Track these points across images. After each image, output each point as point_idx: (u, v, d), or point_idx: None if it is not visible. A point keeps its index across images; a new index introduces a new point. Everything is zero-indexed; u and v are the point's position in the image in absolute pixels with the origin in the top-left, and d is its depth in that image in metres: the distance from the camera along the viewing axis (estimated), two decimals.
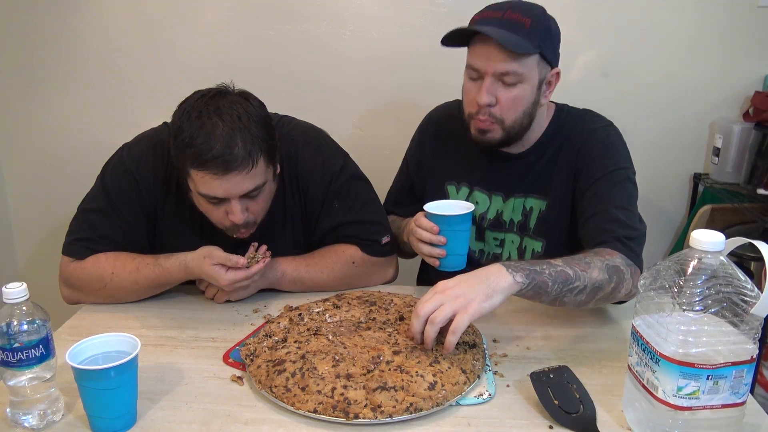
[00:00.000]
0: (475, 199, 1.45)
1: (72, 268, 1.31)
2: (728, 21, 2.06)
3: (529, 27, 1.24)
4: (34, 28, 2.20)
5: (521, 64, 1.25)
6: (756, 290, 0.82)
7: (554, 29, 1.31)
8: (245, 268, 1.22)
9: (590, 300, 1.12)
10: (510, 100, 1.28)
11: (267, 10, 2.13)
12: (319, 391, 0.94)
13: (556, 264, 1.10)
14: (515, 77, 1.26)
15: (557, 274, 1.08)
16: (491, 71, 1.26)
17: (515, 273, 1.04)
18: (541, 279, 1.06)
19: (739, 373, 0.83)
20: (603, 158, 1.34)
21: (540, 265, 1.08)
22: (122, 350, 0.93)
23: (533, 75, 1.28)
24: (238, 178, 1.17)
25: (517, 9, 1.26)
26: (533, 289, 1.06)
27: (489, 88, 1.27)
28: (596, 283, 1.11)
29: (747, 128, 2.01)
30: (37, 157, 2.35)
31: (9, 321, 0.89)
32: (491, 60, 1.25)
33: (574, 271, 1.09)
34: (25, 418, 0.92)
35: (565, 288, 1.08)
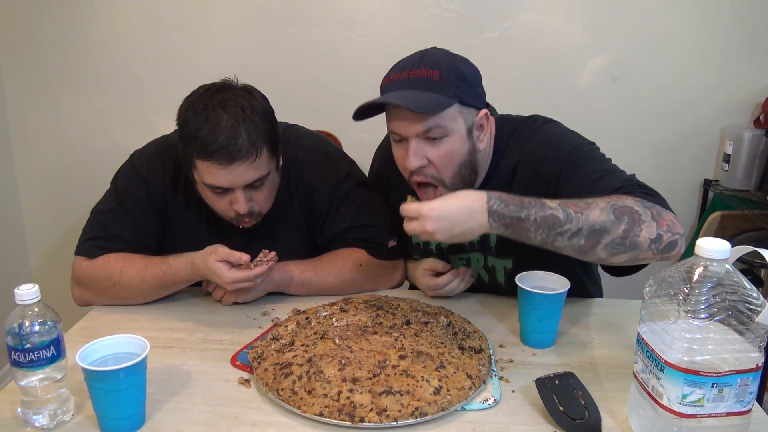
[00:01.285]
0: None
1: (83, 267, 1.33)
2: (739, 27, 2.05)
3: (439, 79, 1.16)
4: (47, 32, 2.23)
5: (440, 117, 1.16)
6: (762, 298, 0.82)
7: (468, 72, 1.21)
8: (249, 268, 1.23)
9: (595, 246, 1.04)
10: (441, 157, 1.19)
11: (278, 15, 2.15)
12: (325, 394, 0.95)
13: (549, 206, 1.04)
14: (439, 131, 1.17)
15: (543, 219, 1.03)
16: (413, 134, 1.18)
17: (494, 223, 1.04)
18: (521, 226, 1.04)
19: (744, 382, 0.82)
20: (555, 151, 1.24)
21: (528, 209, 1.04)
22: (132, 352, 0.94)
23: (458, 125, 1.19)
24: (242, 168, 1.20)
25: (422, 64, 1.18)
26: (513, 234, 1.06)
27: (415, 151, 1.18)
28: (596, 225, 1.03)
29: (758, 135, 2.01)
30: (50, 160, 2.38)
31: (21, 322, 0.91)
32: (408, 122, 1.17)
33: (566, 214, 1.04)
34: (35, 417, 0.93)
35: (553, 232, 1.04)
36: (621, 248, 1.05)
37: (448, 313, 1.23)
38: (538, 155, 1.26)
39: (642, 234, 1.04)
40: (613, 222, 1.03)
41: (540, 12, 2.10)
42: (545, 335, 1.18)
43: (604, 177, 1.17)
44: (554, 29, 2.10)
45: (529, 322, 1.18)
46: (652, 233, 1.04)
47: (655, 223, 1.05)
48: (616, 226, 1.03)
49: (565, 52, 2.12)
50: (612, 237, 1.03)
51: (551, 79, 2.15)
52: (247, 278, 1.22)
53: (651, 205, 1.07)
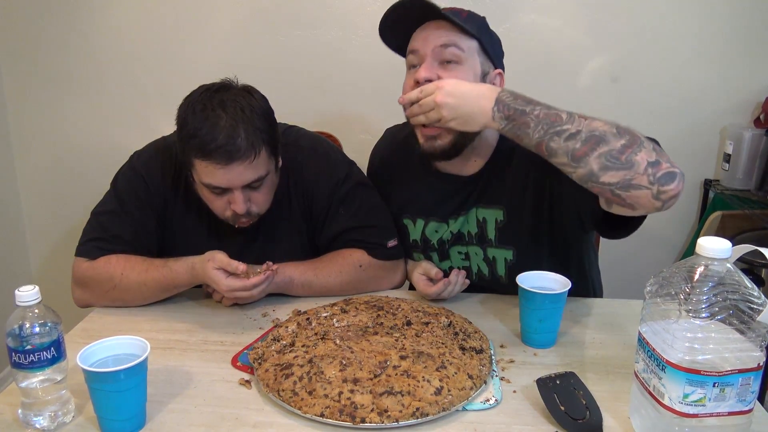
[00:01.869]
0: (433, 229, 1.41)
1: (84, 268, 1.33)
2: (739, 27, 2.05)
3: (466, 16, 1.24)
4: (47, 33, 2.23)
5: (460, 39, 1.21)
6: (763, 297, 0.82)
7: (494, 34, 1.31)
8: (248, 276, 1.22)
9: (589, 153, 1.02)
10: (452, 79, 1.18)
11: (278, 16, 2.15)
12: (326, 395, 0.95)
13: (555, 108, 1.07)
14: (455, 52, 1.21)
15: (545, 116, 1.06)
16: (431, 47, 1.21)
17: (497, 113, 1.09)
18: (522, 120, 1.07)
19: (746, 381, 0.82)
20: None
21: (533, 105, 1.08)
22: (132, 353, 0.94)
23: (473, 60, 1.23)
24: (241, 168, 1.20)
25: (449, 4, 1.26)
26: (512, 130, 1.09)
27: (428, 67, 1.21)
28: (596, 132, 1.02)
29: (758, 134, 2.01)
30: (50, 161, 2.38)
31: (21, 323, 0.91)
32: (430, 38, 1.22)
33: (569, 116, 1.05)
34: (36, 419, 0.93)
35: (552, 130, 1.04)
36: (616, 163, 1.02)
37: (449, 313, 1.23)
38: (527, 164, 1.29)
39: (640, 154, 1.02)
40: (614, 134, 1.02)
41: (540, 13, 2.10)
42: (546, 335, 1.18)
43: None
44: (554, 30, 2.10)
45: (530, 322, 1.18)
46: (651, 156, 1.02)
47: (656, 152, 1.03)
48: (615, 138, 1.02)
49: (565, 52, 2.13)
50: (609, 148, 1.02)
51: (551, 79, 2.15)
52: (244, 287, 1.22)
53: (656, 144, 1.07)
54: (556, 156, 1.06)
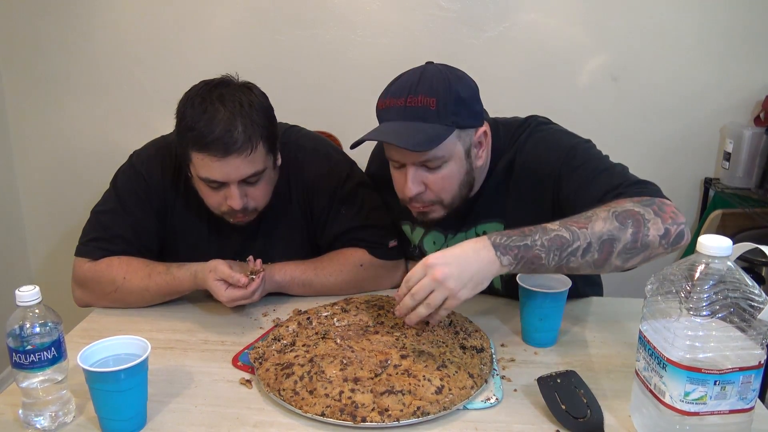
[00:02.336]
0: (431, 240, 1.40)
1: (86, 269, 1.33)
2: (739, 25, 2.05)
3: (436, 107, 1.13)
4: (46, 34, 2.23)
5: (439, 149, 1.14)
6: (764, 295, 0.82)
7: (465, 92, 1.18)
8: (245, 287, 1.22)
9: (608, 257, 1.03)
10: (439, 181, 1.19)
11: (278, 16, 2.15)
12: (326, 394, 0.95)
13: (551, 229, 1.03)
14: (438, 161, 1.17)
15: (551, 242, 1.02)
16: (411, 161, 1.17)
17: (503, 257, 1.01)
18: (531, 254, 1.01)
19: (747, 379, 0.82)
20: (554, 152, 1.23)
21: (532, 236, 1.02)
22: (133, 353, 0.94)
23: (457, 150, 1.18)
24: (237, 162, 1.20)
25: (419, 90, 1.14)
26: (525, 266, 1.03)
27: (414, 179, 1.18)
28: (604, 236, 1.02)
29: (758, 133, 2.01)
30: (50, 161, 2.38)
31: (22, 323, 0.91)
32: (406, 153, 1.15)
33: (570, 232, 1.02)
34: (37, 419, 0.93)
35: (564, 253, 1.02)
36: (634, 251, 1.04)
37: (450, 312, 1.22)
38: (537, 157, 1.25)
39: (651, 233, 1.03)
40: (619, 228, 1.02)
41: (539, 12, 2.10)
42: (547, 334, 1.18)
43: (603, 173, 1.17)
44: (554, 29, 2.10)
45: (530, 321, 1.17)
46: (660, 229, 1.03)
47: (659, 218, 1.04)
48: (623, 231, 1.02)
49: (565, 51, 2.12)
50: (623, 243, 1.02)
51: (551, 78, 2.15)
52: (244, 296, 1.22)
53: (649, 201, 1.07)
54: (578, 271, 1.06)
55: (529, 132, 1.29)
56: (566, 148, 1.23)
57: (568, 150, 1.23)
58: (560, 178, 1.21)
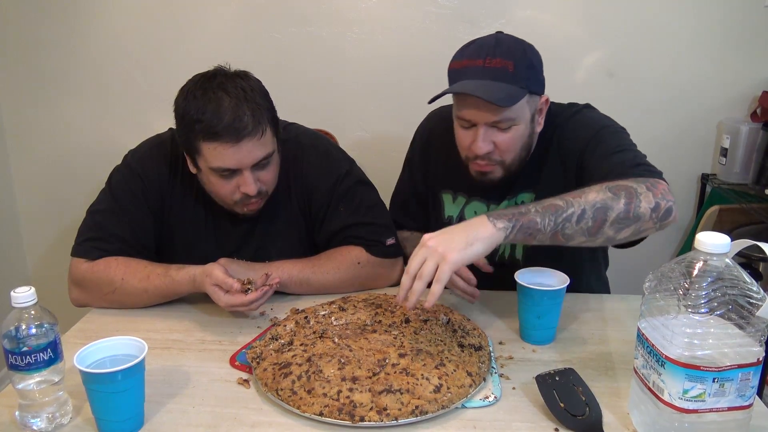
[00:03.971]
0: (473, 209, 1.44)
1: (83, 270, 1.32)
2: (735, 21, 2.05)
3: (513, 70, 1.20)
4: (41, 32, 2.22)
5: (512, 110, 1.22)
6: (762, 292, 0.82)
7: (535, 60, 1.27)
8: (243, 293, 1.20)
9: (602, 225, 1.06)
10: (507, 142, 1.26)
11: (273, 14, 2.15)
12: (324, 393, 0.94)
13: (544, 201, 1.07)
14: (509, 122, 1.24)
15: (545, 209, 1.05)
16: (483, 121, 1.23)
17: (496, 221, 1.03)
18: (527, 219, 1.04)
19: (746, 376, 0.82)
20: (585, 129, 1.31)
21: (525, 206, 1.07)
22: (129, 353, 0.94)
23: (525, 113, 1.26)
24: (250, 145, 1.21)
25: (497, 53, 1.21)
26: (522, 231, 1.04)
27: (484, 137, 1.25)
28: (597, 204, 1.06)
29: (755, 128, 2.01)
30: (46, 160, 2.37)
31: (18, 325, 0.90)
32: (481, 112, 1.22)
33: (564, 201, 1.06)
34: (33, 421, 0.92)
35: (560, 219, 1.05)
36: (626, 222, 1.07)
37: (448, 310, 1.22)
38: (572, 133, 1.33)
39: (642, 205, 1.07)
40: (612, 198, 1.06)
41: (535, 8, 2.09)
42: (545, 332, 1.18)
43: (618, 153, 1.24)
44: (550, 25, 2.10)
45: (528, 319, 1.17)
46: (651, 203, 1.08)
47: (651, 193, 1.09)
48: (616, 201, 1.06)
49: (561, 47, 2.12)
50: (616, 212, 1.06)
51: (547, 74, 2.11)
52: (242, 303, 1.21)
53: (644, 179, 1.12)
54: (573, 239, 1.08)
55: (572, 113, 1.38)
56: (597, 127, 1.31)
57: (598, 129, 1.30)
58: (584, 152, 1.28)
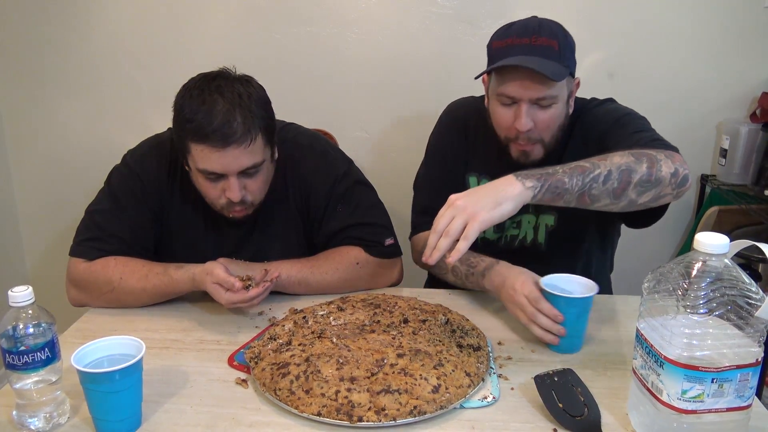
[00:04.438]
0: None
1: (81, 269, 1.32)
2: (734, 22, 2.05)
3: (558, 49, 1.25)
4: (40, 32, 2.22)
5: (555, 88, 1.26)
6: (761, 293, 0.82)
7: (573, 43, 1.32)
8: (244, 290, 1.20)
9: (627, 187, 1.09)
10: (546, 120, 1.29)
11: (273, 14, 2.15)
12: (323, 394, 0.94)
13: (570, 163, 1.12)
14: (550, 100, 1.27)
15: (572, 170, 1.09)
16: (527, 98, 1.26)
17: (525, 180, 1.06)
18: (555, 178, 1.07)
19: (745, 376, 0.82)
20: (607, 115, 1.36)
21: (552, 167, 1.10)
22: (127, 353, 0.94)
23: (564, 93, 1.30)
24: (237, 153, 1.20)
25: (542, 32, 1.26)
26: (550, 191, 1.07)
27: (527, 113, 1.27)
28: (622, 166, 1.09)
29: (754, 129, 2.01)
30: (45, 160, 2.37)
31: (15, 324, 0.90)
32: (527, 88, 1.25)
33: (591, 163, 1.10)
34: (31, 420, 0.92)
35: (587, 179, 1.08)
36: (648, 185, 1.11)
37: (446, 310, 1.22)
38: (595, 119, 1.38)
39: (663, 169, 1.11)
40: (635, 161, 1.10)
41: (535, 8, 2.07)
42: (572, 340, 1.14)
43: (638, 133, 1.27)
44: None
45: None
46: (671, 168, 1.12)
47: (670, 160, 1.13)
48: (639, 164, 1.10)
49: None
50: (639, 175, 1.09)
51: None
52: (243, 300, 1.21)
53: (662, 149, 1.17)
54: (599, 201, 1.11)
55: (595, 104, 1.43)
56: (619, 115, 1.36)
57: (620, 116, 1.35)
58: (607, 133, 1.32)
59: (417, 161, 1.57)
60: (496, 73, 1.30)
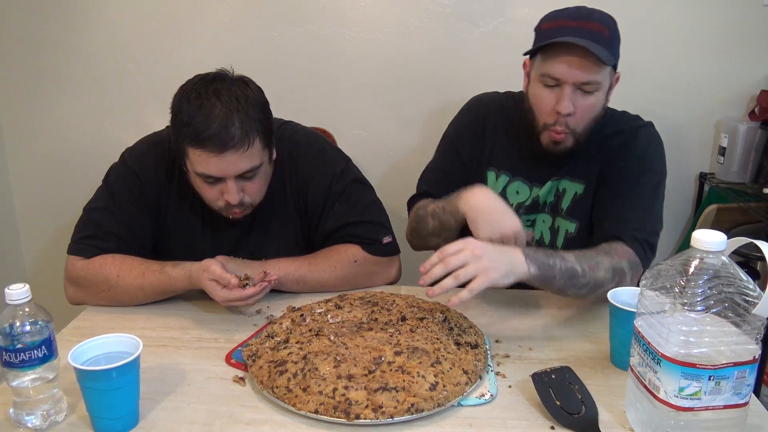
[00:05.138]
0: (515, 189, 1.46)
1: (79, 267, 1.32)
2: (733, 20, 2.05)
3: (609, 37, 1.25)
4: (38, 31, 2.21)
5: (601, 74, 1.25)
6: (758, 290, 0.82)
7: (620, 36, 1.30)
8: (241, 288, 1.20)
9: (589, 294, 1.19)
10: (585, 108, 1.28)
11: (271, 12, 2.14)
12: (320, 391, 0.94)
13: (569, 259, 1.16)
14: (594, 86, 1.26)
15: (566, 270, 1.14)
16: (572, 81, 1.25)
17: (531, 264, 1.11)
18: (551, 273, 1.13)
19: (742, 374, 0.82)
20: (644, 158, 1.36)
21: (554, 258, 1.15)
22: (125, 351, 0.94)
23: (606, 82, 1.29)
24: (234, 157, 1.19)
25: (593, 18, 1.25)
26: (540, 280, 1.13)
27: (570, 97, 1.26)
28: (599, 282, 1.17)
29: (753, 127, 2.00)
30: (44, 158, 2.37)
31: (12, 322, 0.90)
32: (574, 69, 1.24)
33: (582, 269, 1.16)
34: (28, 418, 0.92)
35: (570, 283, 1.15)
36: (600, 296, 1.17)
37: (444, 308, 1.22)
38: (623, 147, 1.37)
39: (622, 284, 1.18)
40: (608, 280, 1.18)
41: (534, 6, 2.09)
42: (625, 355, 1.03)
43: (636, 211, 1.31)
44: None
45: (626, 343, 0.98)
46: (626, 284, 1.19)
47: (632, 281, 1.21)
48: (609, 283, 1.17)
49: None
50: (603, 290, 1.14)
51: None
52: (239, 298, 1.21)
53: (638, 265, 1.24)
54: (564, 296, 1.21)
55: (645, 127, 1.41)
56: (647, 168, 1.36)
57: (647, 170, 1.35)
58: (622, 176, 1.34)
59: (415, 159, 1.57)
60: (543, 54, 1.29)
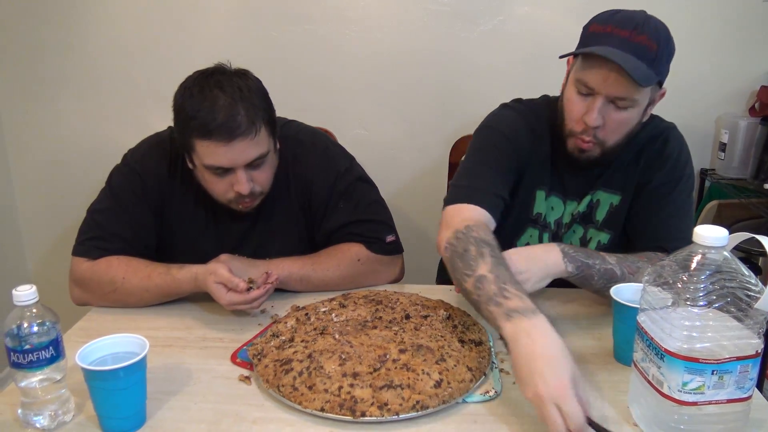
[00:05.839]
0: (550, 204, 1.39)
1: (84, 269, 1.33)
2: (733, 16, 2.05)
3: (656, 53, 1.16)
4: (40, 32, 2.22)
5: (639, 91, 1.17)
6: (760, 285, 0.82)
7: (673, 50, 1.23)
8: (246, 292, 1.21)
9: None
10: (617, 123, 1.21)
11: (271, 12, 2.15)
12: (326, 389, 0.95)
13: (609, 260, 1.16)
14: (628, 102, 1.19)
15: (606, 272, 1.15)
16: (605, 93, 1.18)
17: (569, 263, 1.13)
18: (589, 273, 1.14)
19: (744, 368, 0.83)
20: (678, 164, 1.34)
21: (594, 258, 1.16)
22: (131, 351, 0.94)
23: (644, 100, 1.22)
24: (243, 145, 1.21)
25: (644, 30, 1.16)
26: (579, 279, 1.15)
27: (600, 110, 1.19)
28: (632, 279, 1.16)
29: (753, 123, 2.01)
30: (46, 160, 2.37)
31: (19, 323, 0.90)
32: (610, 83, 1.16)
33: (622, 272, 1.16)
34: (36, 418, 0.93)
35: (609, 284, 1.13)
36: None
37: (448, 306, 1.23)
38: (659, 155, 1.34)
39: None
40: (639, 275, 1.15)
41: (533, 5, 2.09)
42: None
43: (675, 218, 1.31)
44: (548, 22, 2.10)
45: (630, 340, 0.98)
46: None
47: None
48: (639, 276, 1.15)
49: (560, 44, 2.09)
50: None
51: (546, 72, 2.13)
52: (244, 301, 1.21)
53: None
54: (603, 296, 1.18)
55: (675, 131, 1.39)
56: (685, 174, 1.34)
57: (685, 177, 1.33)
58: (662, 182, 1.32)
59: (416, 158, 1.57)
60: (582, 58, 1.22)
